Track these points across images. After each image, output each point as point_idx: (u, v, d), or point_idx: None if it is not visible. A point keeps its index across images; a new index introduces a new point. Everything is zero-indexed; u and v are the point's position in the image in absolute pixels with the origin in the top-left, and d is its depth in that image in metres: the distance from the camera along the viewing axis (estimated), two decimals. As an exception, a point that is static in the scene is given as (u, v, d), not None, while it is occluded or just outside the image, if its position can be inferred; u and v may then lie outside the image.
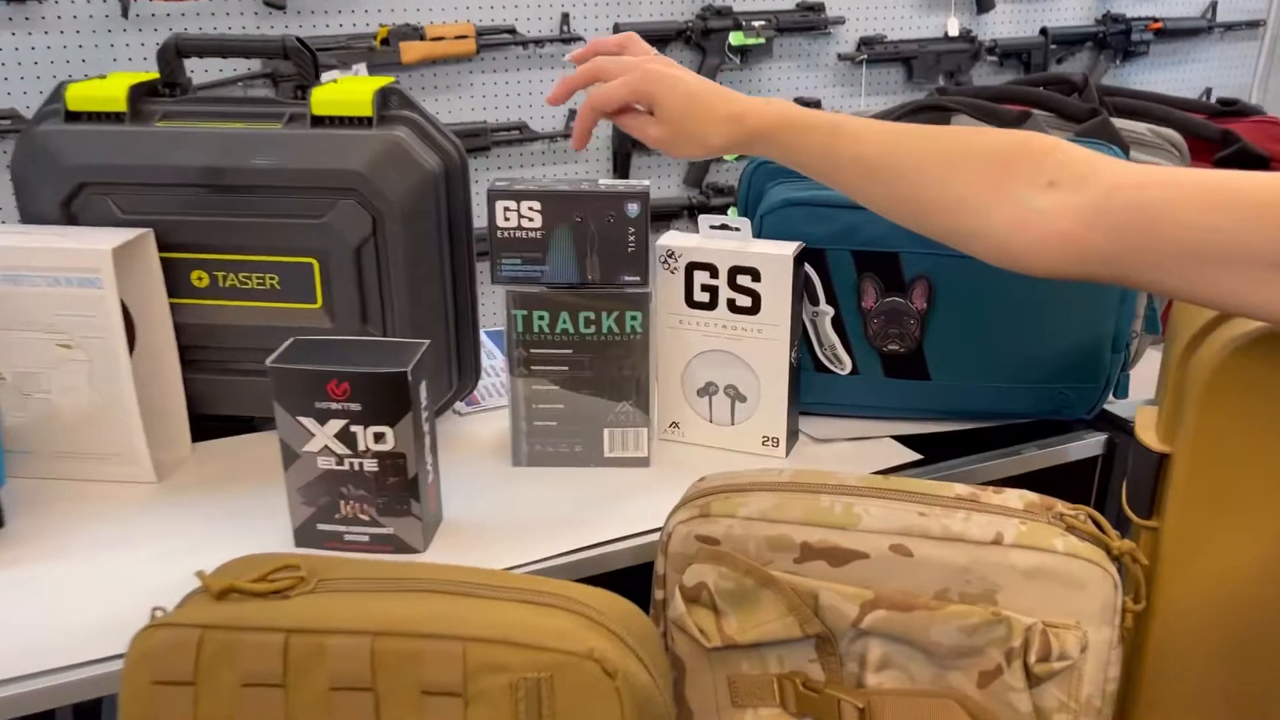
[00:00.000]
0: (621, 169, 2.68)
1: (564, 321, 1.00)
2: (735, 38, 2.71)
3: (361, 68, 2.42)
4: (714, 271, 1.02)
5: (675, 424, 1.09)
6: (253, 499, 0.98)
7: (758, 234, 1.04)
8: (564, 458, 1.05)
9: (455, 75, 2.53)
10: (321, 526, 0.91)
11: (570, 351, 1.01)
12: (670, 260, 1.03)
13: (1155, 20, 2.96)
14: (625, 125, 0.91)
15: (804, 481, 0.85)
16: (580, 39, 2.57)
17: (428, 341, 0.90)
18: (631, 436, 1.04)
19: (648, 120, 0.90)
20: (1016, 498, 0.83)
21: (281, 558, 0.73)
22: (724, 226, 1.03)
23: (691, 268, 1.03)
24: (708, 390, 1.06)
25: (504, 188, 0.97)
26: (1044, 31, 2.91)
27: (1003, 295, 1.03)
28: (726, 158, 2.75)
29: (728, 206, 2.80)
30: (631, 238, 0.98)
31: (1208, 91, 3.20)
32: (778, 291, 1.00)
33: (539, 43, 2.52)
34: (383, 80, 1.02)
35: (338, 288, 1.02)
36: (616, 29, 2.65)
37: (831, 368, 1.09)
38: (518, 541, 0.93)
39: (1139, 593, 0.81)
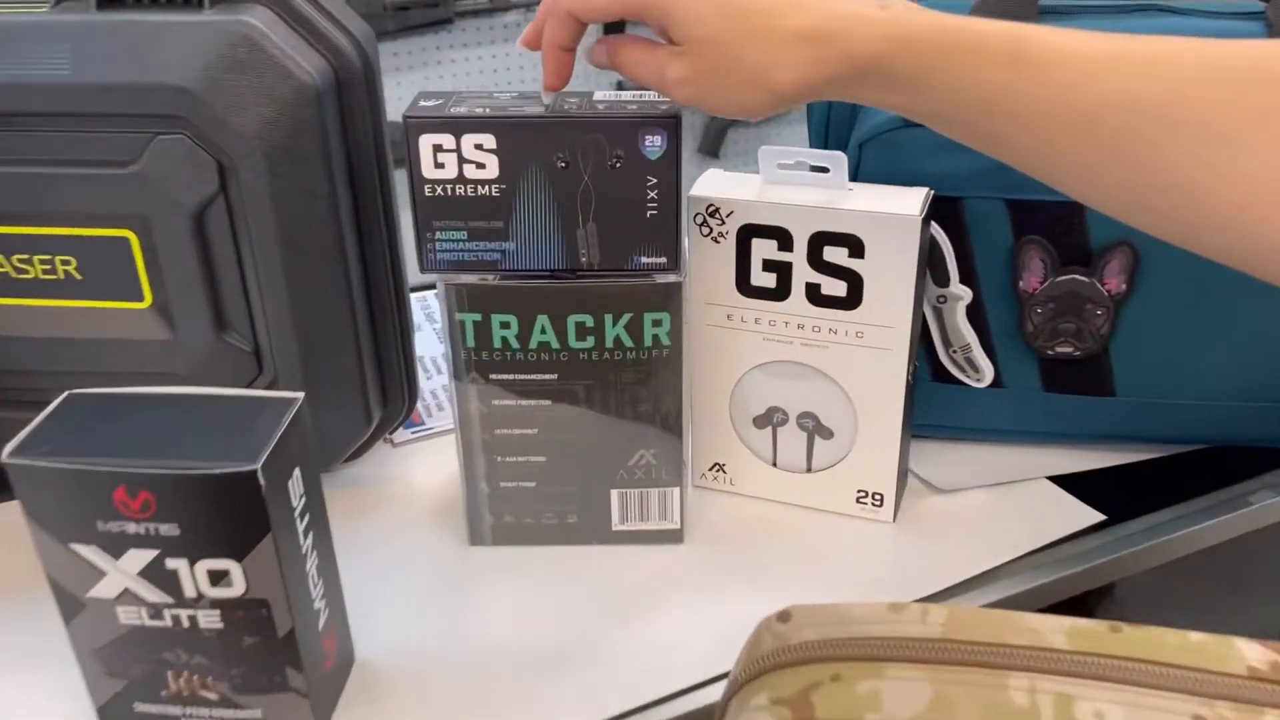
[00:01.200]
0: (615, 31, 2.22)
1: (543, 331, 0.61)
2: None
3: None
4: (786, 240, 0.62)
5: (720, 467, 0.71)
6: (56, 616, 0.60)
7: (854, 174, 0.64)
8: (549, 533, 0.67)
9: (406, -72, 2.05)
10: (142, 708, 0.54)
11: (554, 377, 0.62)
12: (713, 221, 0.63)
13: None
14: (626, 67, 0.54)
15: (974, 640, 0.47)
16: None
17: (299, 397, 0.51)
18: (656, 500, 0.66)
19: (665, 53, 0.51)
20: (1356, 672, 0.46)
21: None
22: (800, 165, 0.63)
23: (748, 234, 0.63)
24: (771, 419, 0.68)
25: (432, 110, 0.57)
26: None
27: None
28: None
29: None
30: (653, 193, 0.58)
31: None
32: (894, 272, 0.61)
33: (507, -116, 2.05)
34: (225, -75, 0.60)
35: (173, 276, 0.63)
36: None
37: (961, 377, 0.70)
38: (470, 708, 0.56)
39: None
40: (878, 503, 0.68)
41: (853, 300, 0.63)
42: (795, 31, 0.48)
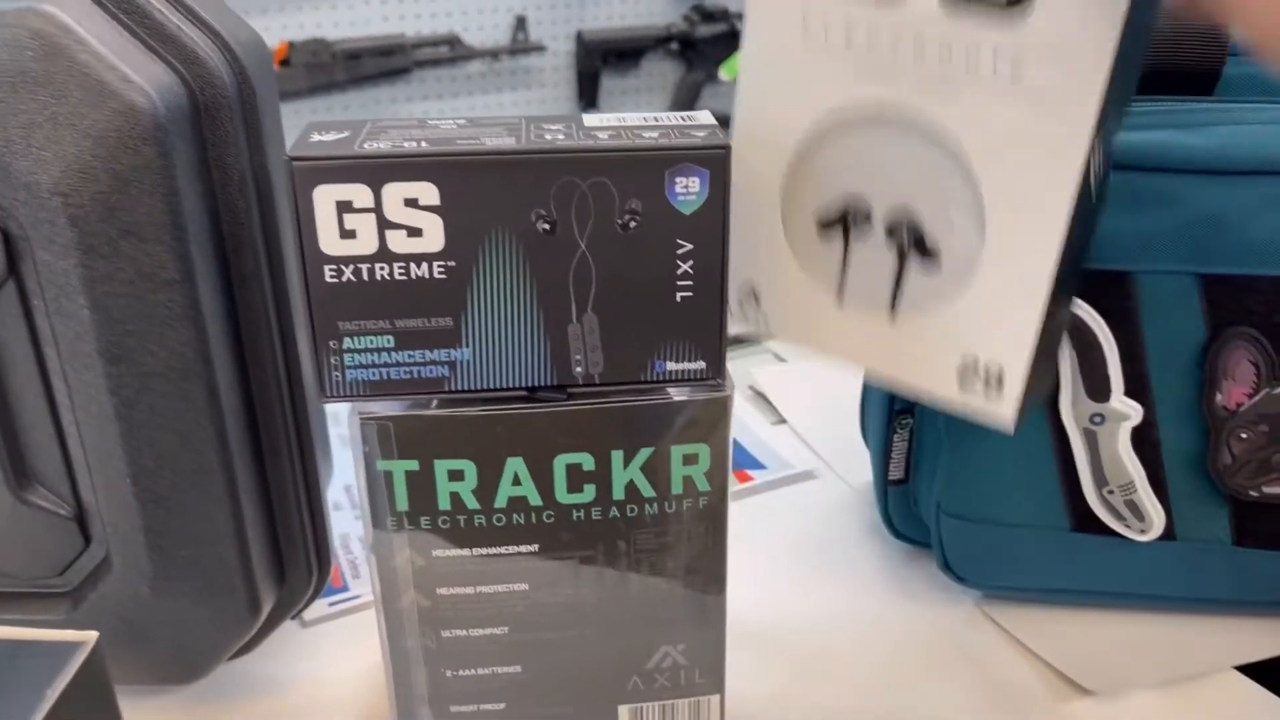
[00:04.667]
0: (588, 95, 2.04)
1: (516, 482, 0.39)
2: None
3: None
4: None
5: (753, 296, 0.45)
6: None
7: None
8: (527, 775, 0.45)
9: (357, -29, 1.87)
10: None
11: (534, 549, 0.41)
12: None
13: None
14: None
15: None
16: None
17: (88, 639, 0.29)
18: (686, 715, 0.44)
19: None
20: None
21: None
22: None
23: None
24: (848, 217, 0.43)
25: (334, 148, 0.36)
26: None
27: None
28: None
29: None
30: (686, 264, 0.37)
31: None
32: None
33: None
34: None
35: (-55, 405, 0.41)
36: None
37: (1117, 526, 0.49)
38: None
39: None
40: (994, 386, 0.41)
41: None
42: None
